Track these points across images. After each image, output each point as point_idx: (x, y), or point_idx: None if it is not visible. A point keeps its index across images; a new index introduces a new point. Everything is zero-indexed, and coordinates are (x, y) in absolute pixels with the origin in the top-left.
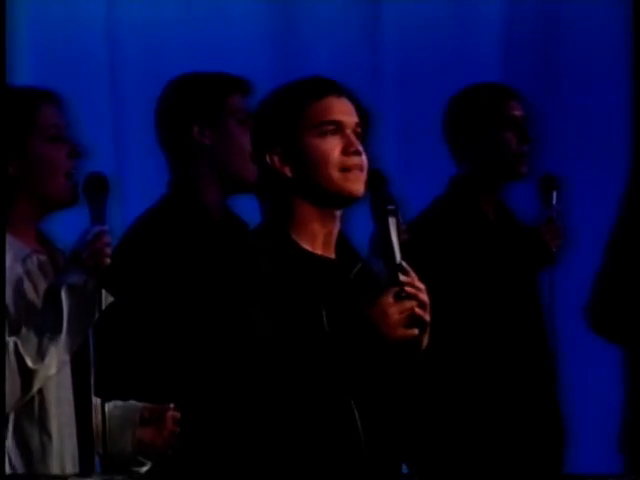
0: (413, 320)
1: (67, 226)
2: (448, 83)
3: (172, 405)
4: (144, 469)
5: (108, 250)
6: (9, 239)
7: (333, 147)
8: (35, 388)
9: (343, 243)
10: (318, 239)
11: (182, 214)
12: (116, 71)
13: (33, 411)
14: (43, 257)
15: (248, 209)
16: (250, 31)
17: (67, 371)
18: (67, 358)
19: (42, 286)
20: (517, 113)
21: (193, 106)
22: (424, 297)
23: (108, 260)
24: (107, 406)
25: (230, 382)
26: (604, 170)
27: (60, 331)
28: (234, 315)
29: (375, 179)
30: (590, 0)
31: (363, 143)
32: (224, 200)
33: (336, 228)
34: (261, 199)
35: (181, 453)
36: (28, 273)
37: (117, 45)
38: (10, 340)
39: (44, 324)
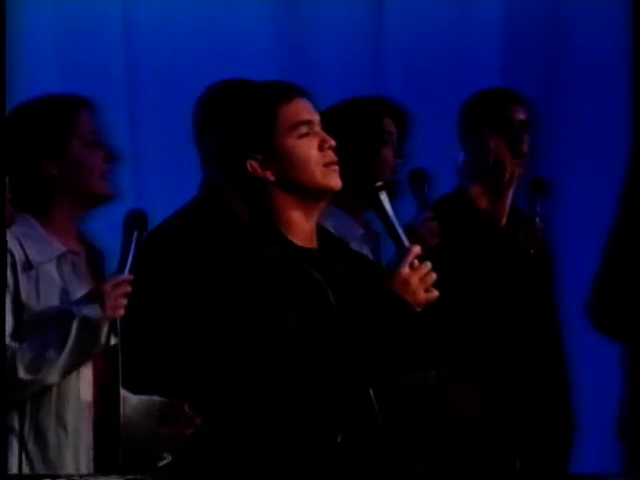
0: (432, 282)
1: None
2: (450, 83)
3: (187, 405)
4: (163, 462)
5: (125, 301)
6: (46, 237)
7: (310, 145)
8: (24, 397)
9: (322, 235)
10: (303, 233)
11: (210, 215)
12: (132, 73)
13: (51, 404)
14: (78, 258)
15: None
16: (260, 33)
17: (88, 366)
18: (58, 379)
19: (75, 286)
20: (513, 116)
21: (208, 118)
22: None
23: (122, 311)
24: (133, 400)
25: (258, 374)
26: (604, 172)
27: (60, 354)
28: (263, 314)
29: (416, 176)
30: (590, 3)
31: (402, 143)
32: None
33: (315, 220)
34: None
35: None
36: (61, 274)
37: (133, 46)
38: (12, 346)
39: (48, 342)
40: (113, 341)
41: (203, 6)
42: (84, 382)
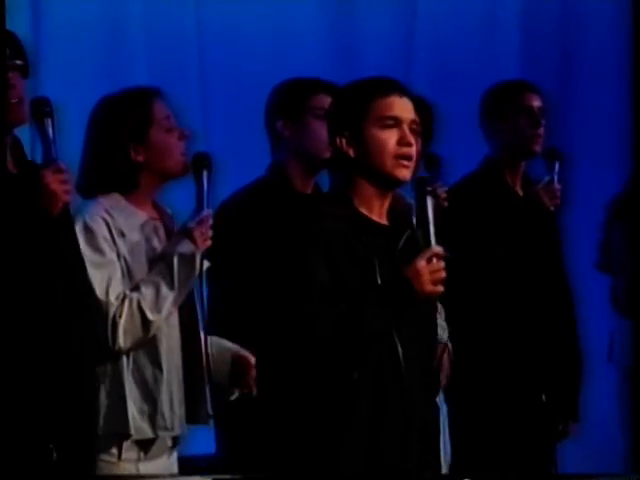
0: (440, 280)
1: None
2: (475, 73)
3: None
4: (233, 397)
5: (210, 233)
6: (131, 210)
7: (390, 138)
8: (151, 334)
9: (395, 212)
10: (374, 208)
11: (272, 189)
12: (204, 67)
13: (146, 347)
14: (158, 223)
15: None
16: (313, 29)
17: (175, 314)
18: (175, 311)
19: (157, 246)
20: (532, 103)
21: (278, 106)
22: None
23: (209, 242)
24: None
25: (302, 322)
26: (609, 149)
27: (172, 289)
28: (304, 266)
29: (431, 161)
30: (598, 2)
31: (428, 135)
32: (309, 178)
33: (388, 200)
34: (331, 172)
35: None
36: (146, 237)
37: (205, 43)
38: (134, 296)
39: (160, 284)
40: (205, 268)
41: (265, 5)
42: (173, 328)
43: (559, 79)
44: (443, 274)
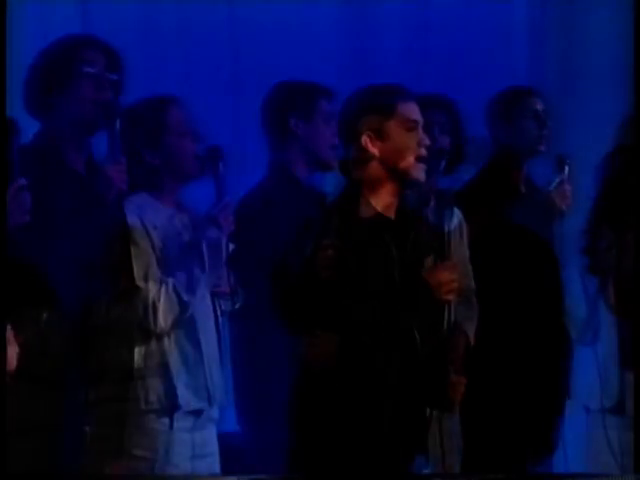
0: (454, 290)
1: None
2: (484, 78)
3: None
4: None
5: (232, 217)
6: (157, 205)
7: (412, 139)
8: (188, 313)
9: (401, 209)
10: (388, 205)
11: (281, 184)
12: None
13: (185, 328)
14: (182, 215)
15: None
16: (330, 31)
17: (208, 297)
18: (207, 292)
19: (185, 235)
20: (536, 107)
21: (292, 105)
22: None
23: (233, 226)
24: None
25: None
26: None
27: (203, 272)
28: (341, 264)
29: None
30: (599, 8)
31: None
32: (310, 174)
33: (398, 198)
34: (344, 172)
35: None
36: (175, 228)
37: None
38: (169, 280)
39: (191, 267)
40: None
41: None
42: (207, 309)
43: (564, 86)
44: (456, 284)
